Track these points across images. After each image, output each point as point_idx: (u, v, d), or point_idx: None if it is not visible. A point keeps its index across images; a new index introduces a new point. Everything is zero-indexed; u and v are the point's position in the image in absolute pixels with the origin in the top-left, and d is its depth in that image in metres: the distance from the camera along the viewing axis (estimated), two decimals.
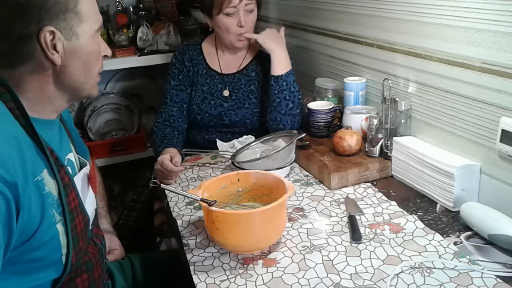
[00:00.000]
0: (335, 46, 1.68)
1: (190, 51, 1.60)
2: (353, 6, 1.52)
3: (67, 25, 0.80)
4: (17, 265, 0.74)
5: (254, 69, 1.59)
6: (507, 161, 1.01)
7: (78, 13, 0.81)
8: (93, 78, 0.88)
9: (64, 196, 0.79)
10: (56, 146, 0.85)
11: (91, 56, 0.85)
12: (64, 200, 0.79)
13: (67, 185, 0.81)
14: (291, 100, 1.48)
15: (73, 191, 0.83)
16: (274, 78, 1.48)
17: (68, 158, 0.89)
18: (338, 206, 1.14)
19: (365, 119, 1.39)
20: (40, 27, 0.76)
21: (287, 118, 1.48)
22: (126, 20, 2.17)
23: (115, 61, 2.05)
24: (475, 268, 0.87)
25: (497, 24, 0.98)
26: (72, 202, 0.82)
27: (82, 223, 0.84)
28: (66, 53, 0.81)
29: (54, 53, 0.79)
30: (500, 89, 1.00)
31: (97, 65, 0.88)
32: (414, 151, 1.18)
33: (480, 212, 0.97)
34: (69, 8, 0.79)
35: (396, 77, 1.34)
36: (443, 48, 1.14)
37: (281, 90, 1.47)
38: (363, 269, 0.89)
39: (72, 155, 0.92)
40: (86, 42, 0.83)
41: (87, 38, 0.83)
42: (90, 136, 2.18)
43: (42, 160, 0.77)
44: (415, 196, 1.17)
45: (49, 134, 0.84)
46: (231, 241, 0.94)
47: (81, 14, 0.81)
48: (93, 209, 0.96)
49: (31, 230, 0.74)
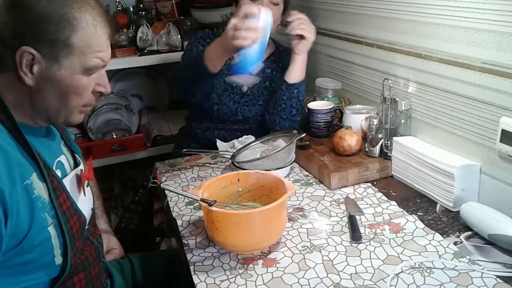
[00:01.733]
0: (335, 46, 1.68)
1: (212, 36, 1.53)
2: (353, 6, 1.52)
3: (52, 52, 0.77)
4: (9, 268, 0.75)
5: (270, 66, 1.56)
6: (507, 161, 1.01)
7: (70, 46, 0.78)
8: (69, 110, 0.84)
9: (55, 198, 0.79)
10: (43, 149, 0.84)
11: (70, 90, 0.81)
12: (55, 203, 0.79)
13: (57, 187, 0.81)
14: (296, 108, 1.47)
15: (63, 193, 0.83)
16: (287, 84, 1.45)
17: (58, 161, 0.89)
18: (338, 206, 1.14)
19: (365, 119, 1.39)
20: (20, 45, 0.75)
21: (286, 122, 1.48)
22: (126, 20, 2.17)
23: (115, 61, 2.05)
24: (475, 268, 0.87)
25: (497, 24, 0.98)
26: (64, 204, 0.82)
27: (77, 223, 0.84)
28: (42, 77, 0.78)
29: (28, 73, 0.77)
30: (500, 89, 1.00)
31: (78, 100, 0.84)
32: (414, 151, 1.18)
33: (480, 212, 0.97)
34: (59, 39, 0.77)
35: (396, 77, 1.34)
36: (443, 48, 1.14)
37: (290, 97, 1.45)
38: (363, 269, 0.89)
39: (63, 157, 0.91)
40: (68, 75, 0.80)
41: (72, 72, 0.80)
42: (90, 136, 2.18)
43: (30, 164, 0.77)
44: (415, 196, 1.17)
45: (35, 138, 0.84)
46: (231, 241, 0.94)
47: (73, 48, 0.78)
48: (90, 209, 0.96)
49: (21, 234, 0.74)
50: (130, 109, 2.25)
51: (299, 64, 1.43)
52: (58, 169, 0.87)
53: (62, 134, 0.97)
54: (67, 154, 0.94)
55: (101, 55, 0.82)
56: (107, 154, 2.16)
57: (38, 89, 0.80)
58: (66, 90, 0.81)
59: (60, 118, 0.85)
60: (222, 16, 2.18)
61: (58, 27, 0.76)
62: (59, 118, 0.85)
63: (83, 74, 0.81)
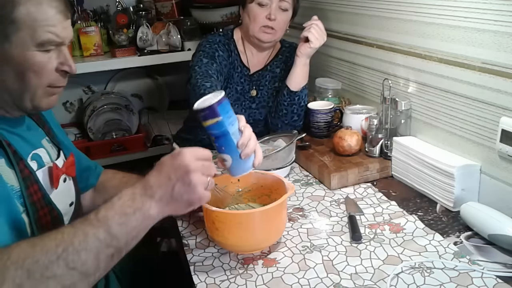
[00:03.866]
0: (335, 46, 1.68)
1: (227, 41, 1.49)
2: (353, 6, 1.52)
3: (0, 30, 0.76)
4: None
5: (279, 65, 1.54)
6: (507, 161, 1.01)
7: (15, 22, 0.76)
8: (32, 91, 0.82)
9: (25, 188, 0.80)
10: (16, 140, 0.84)
11: (26, 67, 0.79)
12: (24, 192, 0.80)
13: (28, 177, 0.82)
14: (297, 114, 1.46)
15: (35, 184, 0.83)
16: (288, 90, 1.43)
17: (34, 153, 0.88)
18: (338, 206, 1.14)
19: (365, 119, 1.39)
20: None
21: (288, 127, 1.46)
22: (126, 20, 2.17)
23: (115, 61, 2.05)
24: (475, 268, 0.87)
25: (497, 24, 0.98)
26: (35, 194, 0.82)
27: (48, 216, 0.84)
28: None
29: None
30: (500, 89, 1.00)
31: (37, 79, 0.81)
32: (414, 151, 1.18)
33: (480, 212, 0.97)
34: (2, 15, 0.76)
35: (396, 77, 1.34)
36: (443, 48, 1.14)
37: (291, 103, 1.44)
38: (363, 269, 0.89)
39: (43, 151, 0.91)
40: (21, 52, 0.78)
41: (24, 48, 0.78)
42: (90, 136, 2.18)
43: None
44: (415, 196, 1.17)
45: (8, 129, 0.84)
46: (231, 241, 0.94)
47: (19, 23, 0.77)
48: (67, 205, 0.95)
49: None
50: (130, 109, 2.25)
51: (300, 67, 1.41)
52: (33, 160, 0.87)
53: (47, 131, 0.97)
54: (50, 149, 0.94)
55: (54, 30, 0.80)
56: (107, 154, 2.16)
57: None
58: (21, 68, 0.79)
59: (26, 101, 0.83)
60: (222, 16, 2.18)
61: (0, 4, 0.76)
62: (24, 101, 0.83)
63: (37, 50, 0.80)
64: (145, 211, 0.73)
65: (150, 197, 0.74)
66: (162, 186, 0.74)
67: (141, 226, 0.73)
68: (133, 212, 0.72)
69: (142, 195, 0.74)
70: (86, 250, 0.68)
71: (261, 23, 1.41)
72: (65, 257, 0.67)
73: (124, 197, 0.73)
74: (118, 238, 0.71)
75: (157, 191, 0.74)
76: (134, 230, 0.72)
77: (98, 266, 0.70)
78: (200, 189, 0.75)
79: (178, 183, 0.74)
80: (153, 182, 0.75)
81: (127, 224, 0.71)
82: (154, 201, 0.74)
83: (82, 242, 0.68)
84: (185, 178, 0.74)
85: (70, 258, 0.67)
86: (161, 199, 0.74)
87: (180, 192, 0.74)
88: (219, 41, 1.47)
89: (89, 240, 0.69)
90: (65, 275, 0.67)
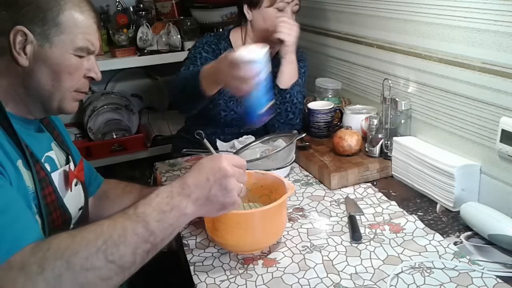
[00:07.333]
0: (335, 46, 1.68)
1: (222, 41, 1.51)
2: (353, 6, 1.52)
3: (43, 31, 0.81)
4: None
5: (278, 64, 1.52)
6: (507, 161, 1.01)
7: (59, 24, 0.82)
8: (62, 92, 0.87)
9: (40, 189, 0.81)
10: (32, 142, 0.85)
11: (62, 68, 0.84)
12: (39, 194, 0.81)
13: (43, 179, 0.83)
14: (292, 112, 1.45)
15: (49, 186, 0.84)
16: (278, 89, 1.43)
17: (47, 156, 0.90)
18: (338, 206, 1.14)
19: (365, 119, 1.39)
20: (13, 26, 0.79)
21: (285, 126, 1.46)
22: (126, 20, 2.17)
23: (115, 61, 2.05)
24: (475, 268, 0.87)
25: (497, 24, 0.98)
26: (49, 196, 0.83)
27: (60, 219, 0.85)
28: (35, 57, 0.82)
29: (21, 53, 0.81)
30: (500, 89, 1.00)
31: (70, 81, 0.86)
32: (414, 151, 1.18)
33: (480, 212, 0.97)
34: (49, 17, 0.81)
35: (396, 77, 1.34)
36: (443, 48, 1.14)
37: (283, 102, 1.44)
38: (363, 269, 0.89)
39: (53, 153, 0.93)
40: (60, 54, 0.83)
41: (63, 50, 0.83)
42: (90, 136, 2.18)
43: (16, 151, 0.79)
44: (415, 196, 1.17)
45: (25, 131, 0.85)
46: (231, 241, 0.94)
47: (62, 26, 0.82)
48: (77, 209, 0.96)
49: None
50: (130, 109, 2.25)
51: (286, 66, 1.42)
52: (46, 162, 0.88)
53: (55, 136, 0.99)
54: (58, 152, 0.96)
55: (90, 38, 0.86)
56: (107, 154, 2.16)
57: (31, 69, 0.83)
58: (58, 68, 0.84)
59: (54, 102, 0.87)
60: (222, 16, 2.18)
61: (47, 6, 0.81)
62: (52, 101, 0.87)
63: (74, 54, 0.85)
64: (181, 209, 0.74)
65: (187, 196, 0.75)
66: (200, 186, 0.76)
67: (176, 224, 0.74)
68: (170, 210, 0.73)
69: (179, 194, 0.75)
70: (124, 244, 0.68)
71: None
72: (105, 250, 0.67)
73: (162, 194, 0.74)
74: (155, 234, 0.71)
75: (194, 191, 0.75)
76: (170, 227, 0.73)
77: (134, 260, 0.70)
78: (234, 193, 0.78)
79: (216, 185, 0.76)
80: (191, 182, 0.76)
81: (164, 221, 0.72)
82: (191, 200, 0.75)
83: (121, 236, 0.69)
84: (223, 181, 0.76)
85: (109, 251, 0.67)
86: (197, 199, 0.76)
87: (216, 195, 0.76)
88: (205, 43, 1.49)
89: (127, 234, 0.69)
90: (104, 267, 0.67)
